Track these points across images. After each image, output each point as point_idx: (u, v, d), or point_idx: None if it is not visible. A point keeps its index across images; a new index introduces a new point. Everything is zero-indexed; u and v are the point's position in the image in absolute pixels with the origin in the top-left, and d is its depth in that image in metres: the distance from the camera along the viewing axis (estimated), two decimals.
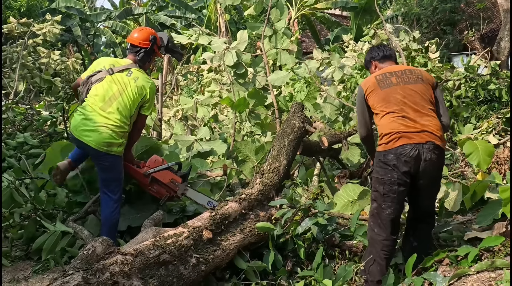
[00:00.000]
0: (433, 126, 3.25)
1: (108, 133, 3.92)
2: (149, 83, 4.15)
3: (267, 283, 3.36)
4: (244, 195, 3.81)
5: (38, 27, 11.52)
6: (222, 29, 19.25)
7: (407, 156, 3.16)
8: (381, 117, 3.34)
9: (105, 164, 4.06)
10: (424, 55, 8.59)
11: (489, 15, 19.89)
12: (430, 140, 3.20)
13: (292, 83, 9.20)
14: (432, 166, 3.21)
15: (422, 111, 3.28)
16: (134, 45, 4.28)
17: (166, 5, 26.06)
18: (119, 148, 4.01)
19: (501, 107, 7.83)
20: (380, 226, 3.27)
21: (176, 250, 2.90)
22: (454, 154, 6.32)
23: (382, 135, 3.29)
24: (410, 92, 3.34)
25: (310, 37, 24.35)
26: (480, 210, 4.04)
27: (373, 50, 3.74)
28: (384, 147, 3.25)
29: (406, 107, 3.28)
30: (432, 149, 3.19)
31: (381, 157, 3.27)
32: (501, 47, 12.35)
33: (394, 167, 3.18)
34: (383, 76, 3.43)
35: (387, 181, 3.22)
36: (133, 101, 4.02)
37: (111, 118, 3.94)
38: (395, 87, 3.36)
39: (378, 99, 3.37)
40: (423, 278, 3.13)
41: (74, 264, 2.47)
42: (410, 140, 3.18)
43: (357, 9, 19.98)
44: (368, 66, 3.81)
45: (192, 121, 9.09)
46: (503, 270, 2.94)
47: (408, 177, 3.20)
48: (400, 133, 3.20)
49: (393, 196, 3.21)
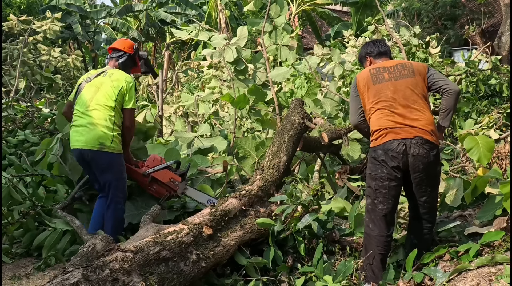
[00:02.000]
0: (423, 120, 3.26)
1: (96, 130, 3.98)
2: (124, 76, 4.20)
3: (268, 279, 3.36)
4: (244, 192, 3.81)
5: (38, 25, 11.50)
6: (222, 25, 19.26)
7: (394, 151, 3.20)
8: (371, 114, 3.39)
9: (103, 164, 4.06)
10: (425, 51, 8.59)
11: (490, 10, 19.84)
12: (419, 134, 3.21)
13: (293, 79, 9.20)
14: (422, 161, 3.21)
15: (413, 106, 3.30)
16: (117, 50, 4.39)
17: (167, 2, 26.00)
18: (113, 144, 4.01)
19: (502, 102, 7.84)
20: (374, 222, 3.30)
21: (176, 246, 2.90)
22: (455, 150, 6.31)
23: (372, 131, 3.35)
24: (400, 87, 3.36)
25: (310, 33, 24.34)
26: (481, 205, 4.04)
27: (369, 46, 3.74)
28: (374, 143, 3.32)
29: (395, 103, 3.31)
30: (420, 144, 3.20)
31: (372, 153, 3.33)
32: (502, 41, 12.34)
33: (383, 163, 3.23)
34: (376, 71, 3.46)
35: (378, 176, 3.26)
36: (109, 94, 4.07)
37: (93, 115, 4.02)
38: (387, 83, 3.39)
39: (369, 95, 3.42)
40: (424, 273, 3.13)
41: (74, 261, 2.48)
42: (397, 135, 3.22)
43: (358, 5, 19.97)
44: (363, 61, 3.81)
45: (192, 118, 9.10)
46: (503, 265, 2.94)
47: (398, 172, 3.23)
48: (387, 129, 3.25)
49: (384, 192, 3.25)
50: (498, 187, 3.96)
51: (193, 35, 8.22)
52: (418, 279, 3.08)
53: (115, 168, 4.10)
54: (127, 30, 23.91)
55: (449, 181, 4.45)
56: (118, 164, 4.12)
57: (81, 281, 2.24)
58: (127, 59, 4.38)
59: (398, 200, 3.42)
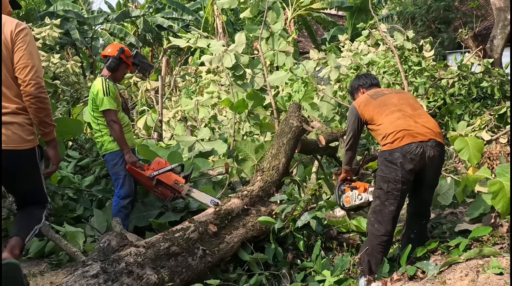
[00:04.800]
0: (432, 123, 3.45)
1: (97, 139, 4.55)
2: (95, 81, 4.57)
3: (270, 273, 3.55)
4: (246, 192, 4.01)
5: (37, 31, 11.65)
6: (219, 31, 19.40)
7: (413, 154, 3.28)
8: (382, 119, 3.47)
9: (108, 166, 4.60)
10: (418, 54, 8.77)
11: (483, 13, 20.07)
12: (432, 137, 3.35)
13: (290, 84, 9.39)
14: (434, 163, 3.37)
15: (419, 111, 3.50)
16: (104, 56, 4.74)
17: (163, 7, 26.18)
18: (109, 145, 4.46)
19: (494, 104, 8.01)
20: (380, 223, 3.40)
21: (184, 242, 3.10)
22: (448, 151, 6.49)
23: (386, 135, 3.40)
24: (403, 96, 3.59)
25: (306, 37, 24.54)
26: (471, 203, 4.23)
27: (361, 78, 3.96)
28: (390, 146, 3.36)
29: (404, 107, 3.47)
30: (435, 146, 3.33)
31: (387, 155, 3.38)
32: (494, 45, 12.52)
33: (400, 165, 3.29)
34: (374, 92, 3.67)
35: (392, 179, 3.33)
36: (90, 101, 4.53)
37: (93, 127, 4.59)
38: (389, 95, 3.59)
39: (374, 107, 3.53)
40: (416, 267, 3.31)
41: (92, 256, 2.67)
42: (414, 138, 3.31)
43: (353, 9, 20.18)
44: (354, 93, 4.00)
45: (191, 122, 9.27)
46: (490, 257, 3.14)
47: (412, 175, 3.34)
48: (404, 132, 3.33)
49: (396, 194, 3.34)
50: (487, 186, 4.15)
51: (191, 43, 8.42)
52: (411, 272, 3.25)
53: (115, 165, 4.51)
54: (125, 35, 24.04)
55: (441, 180, 4.65)
56: (114, 162, 4.51)
57: (100, 273, 2.45)
58: (112, 61, 4.65)
59: (404, 201, 3.53)
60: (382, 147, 3.45)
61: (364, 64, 8.75)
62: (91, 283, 2.38)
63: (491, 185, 3.63)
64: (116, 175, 4.48)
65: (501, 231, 3.64)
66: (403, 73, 7.33)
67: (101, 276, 2.44)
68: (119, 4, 26.96)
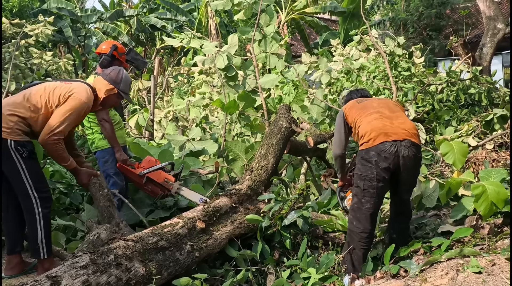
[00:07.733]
0: (408, 124, 3.61)
1: (88, 136, 4.69)
2: (88, 79, 4.68)
3: (256, 269, 3.61)
4: (235, 190, 4.08)
5: (30, 28, 11.63)
6: (212, 32, 19.47)
7: (387, 152, 3.43)
8: (361, 120, 3.67)
9: (99, 163, 4.67)
10: (408, 60, 8.90)
11: (474, 21, 20.32)
12: (407, 138, 3.49)
13: (281, 86, 9.47)
14: (410, 162, 3.49)
15: (397, 114, 3.68)
16: (99, 53, 4.84)
17: (157, 7, 26.20)
18: (100, 142, 4.59)
19: (481, 110, 8.16)
20: (359, 220, 3.53)
21: (172, 237, 3.17)
22: (435, 155, 6.60)
23: (363, 134, 3.58)
24: (384, 101, 3.88)
25: (299, 41, 24.69)
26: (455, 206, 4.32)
27: (353, 93, 4.22)
28: (366, 145, 3.53)
29: (382, 110, 3.68)
30: (409, 146, 3.47)
31: (363, 154, 3.55)
32: (483, 53, 12.72)
33: (375, 164, 3.44)
34: (361, 99, 3.94)
35: (368, 177, 3.48)
36: None
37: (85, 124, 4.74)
38: (371, 100, 3.90)
39: (356, 110, 3.77)
40: (399, 265, 3.40)
41: (81, 248, 2.73)
42: (389, 137, 3.47)
43: (346, 14, 20.35)
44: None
45: (182, 122, 9.32)
46: (470, 257, 3.23)
47: (387, 173, 3.47)
48: (379, 131, 3.50)
49: (372, 192, 3.48)
50: (470, 189, 4.25)
51: (185, 43, 8.47)
52: (394, 271, 3.35)
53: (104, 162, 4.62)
54: (118, 35, 24.01)
55: (426, 183, 4.75)
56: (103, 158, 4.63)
57: (89, 264, 2.50)
58: (104, 58, 4.74)
59: (383, 200, 3.69)
60: (360, 146, 3.62)
61: (355, 68, 8.86)
62: (80, 273, 2.43)
63: (474, 189, 3.75)
64: (106, 172, 4.55)
65: (482, 232, 3.75)
66: (392, 79, 7.45)
67: (90, 267, 2.49)
68: (113, 3, 26.92)
